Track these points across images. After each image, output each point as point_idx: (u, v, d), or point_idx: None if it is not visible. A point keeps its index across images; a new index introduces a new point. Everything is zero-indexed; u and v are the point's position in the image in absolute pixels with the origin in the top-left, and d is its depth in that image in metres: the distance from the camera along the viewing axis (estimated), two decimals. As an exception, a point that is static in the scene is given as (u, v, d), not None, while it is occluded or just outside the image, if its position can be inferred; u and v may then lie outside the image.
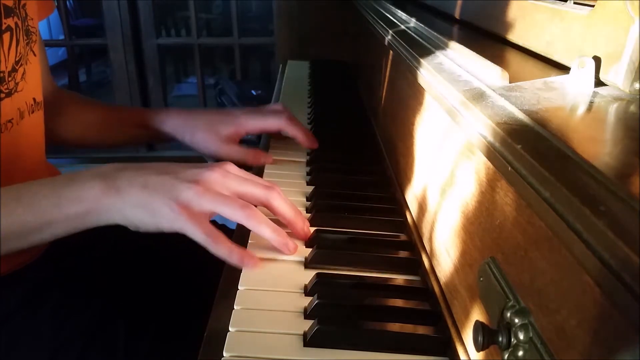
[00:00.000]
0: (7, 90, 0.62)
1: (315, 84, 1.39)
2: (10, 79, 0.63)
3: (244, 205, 0.55)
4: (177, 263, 0.84)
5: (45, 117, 0.76)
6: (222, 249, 0.54)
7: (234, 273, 0.56)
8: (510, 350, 0.34)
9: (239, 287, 0.54)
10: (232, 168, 0.59)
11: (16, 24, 0.65)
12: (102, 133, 0.90)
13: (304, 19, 1.74)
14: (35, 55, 0.69)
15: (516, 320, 0.34)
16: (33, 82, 0.68)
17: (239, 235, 0.63)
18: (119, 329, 0.72)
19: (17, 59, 0.65)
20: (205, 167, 0.57)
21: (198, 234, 0.53)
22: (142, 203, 0.53)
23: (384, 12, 1.04)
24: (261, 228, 0.56)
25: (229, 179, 0.57)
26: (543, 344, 0.32)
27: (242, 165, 0.61)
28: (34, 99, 0.69)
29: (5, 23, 0.62)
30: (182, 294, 0.80)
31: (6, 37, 0.62)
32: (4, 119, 0.61)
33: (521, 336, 0.34)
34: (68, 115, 0.86)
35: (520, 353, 0.33)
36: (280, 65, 1.66)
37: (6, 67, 0.62)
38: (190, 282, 0.81)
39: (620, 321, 0.25)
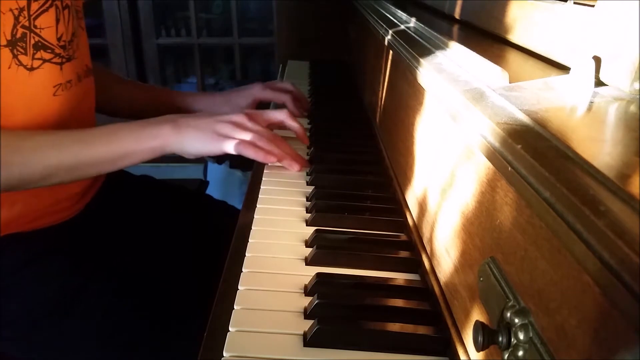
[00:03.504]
0: (67, 56, 0.78)
1: (315, 84, 1.39)
2: (70, 47, 0.78)
3: (262, 134, 0.79)
4: (195, 256, 0.93)
5: None
6: (260, 156, 0.78)
7: (234, 273, 0.56)
8: (510, 350, 0.34)
9: (239, 287, 0.54)
10: (249, 114, 0.81)
11: (71, 3, 0.79)
12: (135, 109, 1.04)
13: (303, 18, 1.73)
14: (83, 29, 0.85)
15: (516, 320, 0.34)
16: (84, 51, 0.84)
17: (241, 229, 0.64)
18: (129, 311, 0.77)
19: (73, 32, 0.80)
20: (234, 113, 0.80)
21: (231, 148, 0.76)
22: (195, 136, 0.76)
23: (384, 12, 1.04)
24: (272, 148, 0.79)
25: (251, 119, 0.80)
26: (543, 344, 0.32)
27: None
28: (87, 66, 0.84)
29: (64, 1, 0.77)
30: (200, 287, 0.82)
31: (66, 12, 0.78)
32: (65, 79, 0.77)
33: (521, 336, 0.34)
34: (101, 88, 0.98)
35: (520, 353, 0.33)
36: (280, 65, 1.66)
37: (67, 37, 0.78)
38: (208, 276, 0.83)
39: (620, 321, 0.25)
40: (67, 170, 0.72)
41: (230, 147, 0.76)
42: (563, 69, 0.50)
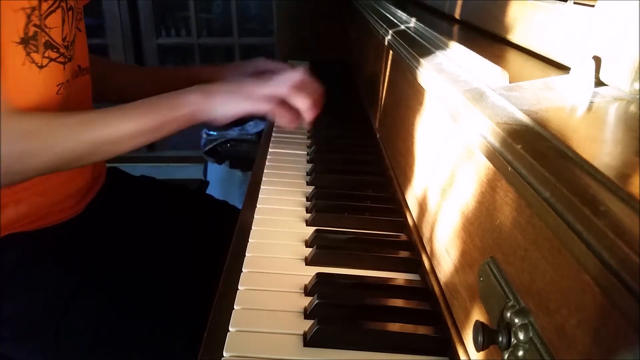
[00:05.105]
0: (69, 56, 0.80)
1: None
2: (71, 47, 0.80)
3: (281, 86, 0.81)
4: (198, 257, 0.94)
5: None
6: (283, 120, 0.80)
7: (234, 273, 0.56)
8: (510, 350, 0.34)
9: (239, 287, 0.54)
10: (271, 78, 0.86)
11: (74, 4, 0.82)
12: (147, 92, 1.02)
13: (303, 18, 1.73)
14: (80, 30, 0.87)
15: (516, 320, 0.34)
16: (78, 52, 0.85)
17: (241, 229, 0.64)
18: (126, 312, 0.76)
19: (74, 32, 0.82)
20: (256, 80, 0.85)
21: (260, 107, 0.79)
22: (223, 100, 0.79)
23: (384, 12, 1.04)
24: (296, 100, 0.81)
25: (271, 84, 0.83)
26: (543, 344, 0.32)
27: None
28: (79, 66, 0.86)
29: (69, 3, 0.79)
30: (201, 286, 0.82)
31: (70, 13, 0.80)
32: (65, 79, 0.79)
33: (521, 336, 0.34)
34: (108, 78, 1.01)
35: (520, 353, 0.33)
36: (280, 66, 1.66)
37: (70, 38, 0.80)
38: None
39: (620, 321, 0.25)
40: (112, 144, 0.75)
41: (257, 106, 0.80)
42: (563, 69, 0.50)
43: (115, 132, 0.75)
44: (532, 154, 0.33)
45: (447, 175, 0.52)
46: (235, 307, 0.51)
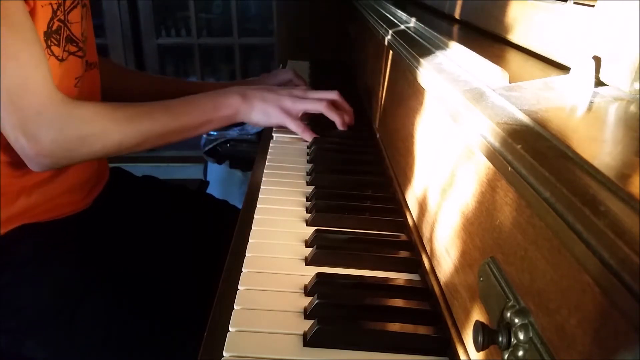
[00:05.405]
0: (85, 51, 0.83)
1: (315, 84, 1.39)
2: (86, 42, 0.84)
3: (320, 102, 0.91)
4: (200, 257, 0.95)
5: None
6: (306, 135, 0.91)
7: (234, 273, 0.56)
8: (510, 350, 0.34)
9: (239, 287, 0.54)
10: (305, 89, 0.96)
11: (87, 1, 0.86)
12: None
13: (304, 18, 1.73)
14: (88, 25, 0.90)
15: (516, 320, 0.34)
16: (87, 47, 0.88)
17: (241, 229, 0.64)
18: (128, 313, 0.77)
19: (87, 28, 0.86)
20: (292, 88, 0.95)
21: (293, 125, 0.90)
22: (262, 109, 0.87)
23: (384, 12, 1.04)
24: (331, 114, 0.92)
25: (307, 92, 0.93)
26: (543, 344, 0.32)
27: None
28: (86, 61, 0.88)
29: (84, 1, 0.83)
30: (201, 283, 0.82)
31: (84, 10, 0.83)
32: (81, 72, 0.83)
33: (521, 336, 0.34)
34: (113, 82, 1.02)
35: (520, 353, 0.33)
36: (280, 65, 1.66)
37: (86, 34, 0.83)
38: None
39: (620, 321, 0.25)
40: (157, 137, 0.82)
41: (292, 123, 0.89)
42: (563, 69, 0.50)
43: (161, 128, 0.81)
44: (532, 154, 0.33)
45: (447, 175, 0.52)
46: (235, 307, 0.51)
